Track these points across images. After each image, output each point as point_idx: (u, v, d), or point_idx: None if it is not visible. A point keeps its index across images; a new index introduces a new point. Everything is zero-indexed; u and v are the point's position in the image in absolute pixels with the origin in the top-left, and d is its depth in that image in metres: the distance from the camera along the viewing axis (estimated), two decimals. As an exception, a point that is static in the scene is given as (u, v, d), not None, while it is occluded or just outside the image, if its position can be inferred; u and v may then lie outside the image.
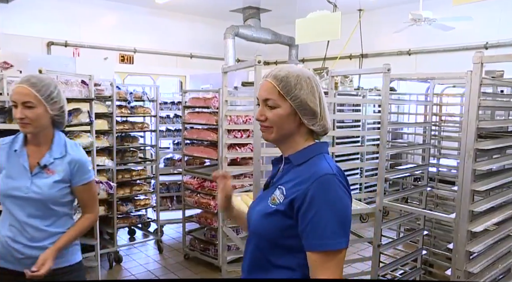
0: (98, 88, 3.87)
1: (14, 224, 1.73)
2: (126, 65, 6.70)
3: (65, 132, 2.76)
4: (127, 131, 4.31)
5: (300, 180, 1.20)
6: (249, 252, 1.31)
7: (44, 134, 1.79)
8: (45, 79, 1.77)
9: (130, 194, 4.31)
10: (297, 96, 1.22)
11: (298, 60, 7.57)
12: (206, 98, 4.00)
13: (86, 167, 1.86)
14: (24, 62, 4.62)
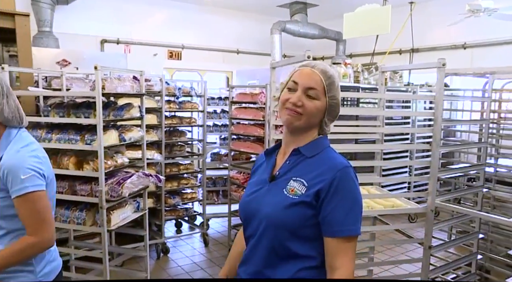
0: (148, 84, 3.97)
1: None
2: (174, 61, 6.84)
3: (118, 126, 2.88)
4: (175, 126, 4.41)
5: (321, 171, 1.25)
6: (263, 243, 1.29)
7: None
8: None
9: (177, 187, 4.42)
10: (335, 97, 1.31)
11: (346, 55, 7.42)
12: (253, 94, 4.01)
13: (18, 176, 1.50)
14: (80, 59, 4.81)
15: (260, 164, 1.45)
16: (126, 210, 2.81)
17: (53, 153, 2.68)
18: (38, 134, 2.67)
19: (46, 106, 2.90)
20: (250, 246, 1.33)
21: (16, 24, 2.93)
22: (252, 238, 1.32)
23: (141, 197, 2.97)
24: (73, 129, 2.64)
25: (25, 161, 1.52)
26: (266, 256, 1.28)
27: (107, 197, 2.54)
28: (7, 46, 3.27)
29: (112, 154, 2.74)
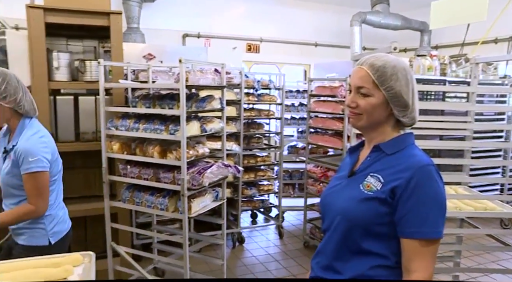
0: (228, 77, 4.05)
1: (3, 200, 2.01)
2: (252, 54, 6.91)
3: (199, 117, 2.97)
4: (253, 118, 4.46)
5: (399, 169, 1.22)
6: (336, 236, 1.29)
7: (11, 124, 1.98)
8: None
9: (254, 179, 4.48)
10: (392, 88, 1.24)
11: (431, 47, 6.98)
12: (332, 87, 3.93)
13: (28, 157, 1.88)
14: (164, 53, 5.03)
15: (346, 160, 1.45)
16: (205, 198, 2.90)
17: (140, 141, 2.84)
18: (127, 123, 2.83)
19: (134, 97, 3.07)
20: (325, 239, 1.35)
21: (111, 22, 3.13)
22: (328, 231, 1.33)
23: (220, 186, 3.04)
24: (158, 119, 2.77)
25: (34, 146, 1.91)
26: (337, 249, 1.29)
27: (188, 185, 2.64)
28: (102, 42, 3.51)
29: (194, 144, 2.83)
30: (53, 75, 3.10)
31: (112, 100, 3.22)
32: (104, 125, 2.88)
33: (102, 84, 2.87)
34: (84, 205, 3.30)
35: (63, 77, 3.14)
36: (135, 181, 2.83)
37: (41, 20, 2.96)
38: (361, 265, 1.24)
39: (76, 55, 3.40)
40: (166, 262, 3.26)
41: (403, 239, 1.19)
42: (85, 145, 3.21)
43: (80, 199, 3.39)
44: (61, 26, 3.12)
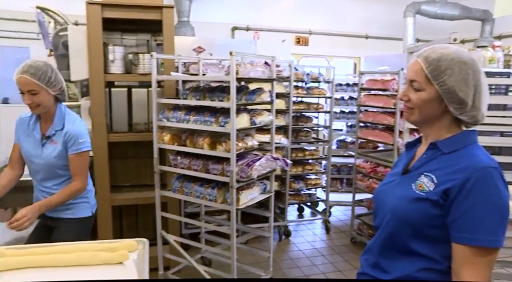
0: (277, 69, 4.03)
1: (37, 185, 2.22)
2: (301, 47, 6.84)
3: (249, 110, 2.98)
4: (302, 111, 4.42)
5: (455, 169, 1.14)
6: (384, 234, 1.25)
7: (50, 110, 2.13)
8: (42, 67, 2.03)
9: (302, 173, 4.45)
10: (445, 83, 1.15)
11: (493, 37, 6.59)
12: (384, 80, 3.80)
13: (78, 139, 2.12)
14: (213, 46, 5.09)
15: (402, 156, 1.40)
16: (253, 191, 2.91)
17: (190, 133, 2.89)
18: (178, 115, 2.89)
19: (184, 90, 3.13)
20: (375, 236, 1.32)
21: (163, 16, 3.20)
22: (378, 228, 1.30)
23: (268, 179, 3.04)
24: (209, 111, 2.80)
25: (81, 129, 2.17)
26: (384, 247, 1.25)
27: (237, 177, 2.65)
28: (154, 35, 3.60)
29: (243, 136, 2.84)
30: (109, 68, 3.22)
31: (163, 92, 3.30)
32: (156, 116, 2.96)
33: (155, 77, 2.94)
34: (136, 194, 3.42)
35: (118, 70, 3.25)
36: (185, 172, 2.89)
37: (98, 15, 3.08)
38: (409, 266, 1.20)
39: (130, 48, 3.50)
40: (213, 252, 3.31)
41: (454, 244, 1.12)
42: (138, 136, 3.31)
43: (132, 188, 3.51)
44: (117, 21, 3.23)
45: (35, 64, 2.04)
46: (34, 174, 2.25)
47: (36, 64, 2.04)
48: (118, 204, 3.35)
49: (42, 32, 4.12)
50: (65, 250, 1.49)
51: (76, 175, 2.17)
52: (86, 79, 3.28)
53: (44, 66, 2.05)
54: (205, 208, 3.56)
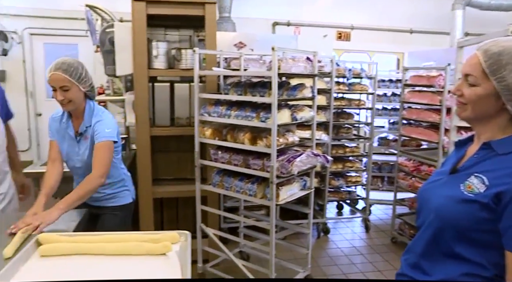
0: (319, 65, 3.98)
1: (79, 180, 2.20)
2: (342, 42, 6.73)
3: (290, 105, 2.96)
4: (343, 107, 4.35)
5: (510, 172, 1.06)
6: (427, 234, 1.20)
7: (80, 106, 2.16)
8: (73, 64, 2.08)
9: (342, 170, 4.39)
10: (504, 79, 1.07)
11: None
12: (429, 76, 3.67)
13: (104, 129, 2.12)
14: (254, 41, 5.09)
15: (451, 154, 1.34)
16: (293, 187, 2.89)
17: (231, 128, 2.91)
18: (219, 110, 2.91)
19: (226, 85, 3.15)
20: (417, 236, 1.27)
21: (205, 12, 3.23)
22: (421, 228, 1.25)
23: (308, 176, 3.01)
24: (250, 107, 2.80)
25: (108, 120, 2.18)
26: (426, 248, 1.20)
27: (277, 173, 2.65)
28: (197, 31, 3.64)
29: (284, 132, 2.83)
30: (152, 63, 3.29)
31: (205, 87, 3.34)
32: (197, 111, 3.00)
33: (197, 72, 2.98)
34: (176, 187, 3.48)
35: (161, 65, 3.32)
36: (226, 166, 2.92)
37: (143, 12, 3.15)
38: (452, 270, 1.14)
39: (173, 44, 3.56)
40: (252, 246, 3.33)
41: (507, 252, 1.05)
42: (179, 130, 3.37)
43: (172, 181, 3.58)
44: (160, 17, 3.29)
45: (67, 61, 2.09)
46: (74, 171, 2.32)
47: (68, 62, 2.08)
48: (159, 196, 3.43)
49: (90, 29, 4.26)
50: (111, 239, 1.54)
51: (94, 164, 2.09)
52: (131, 74, 3.37)
53: (75, 63, 2.10)
54: (244, 203, 3.57)
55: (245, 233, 3.52)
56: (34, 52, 7.33)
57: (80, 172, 2.27)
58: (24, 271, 1.36)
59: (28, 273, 1.35)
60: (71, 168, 2.32)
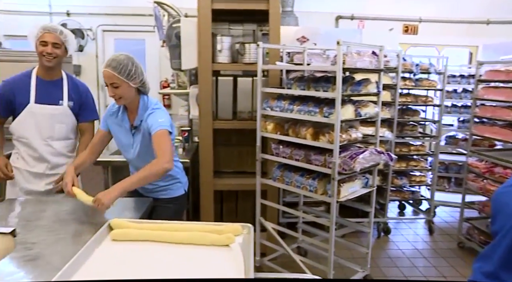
0: (385, 60, 3.84)
1: (133, 171, 2.34)
2: (409, 36, 6.43)
3: (354, 101, 2.88)
4: (409, 104, 4.18)
5: None
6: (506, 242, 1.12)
7: (133, 102, 2.22)
8: (123, 60, 2.10)
9: (405, 168, 4.22)
10: None
11: None
12: (508, 71, 3.42)
13: (157, 119, 2.17)
14: (317, 35, 5.00)
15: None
16: (355, 184, 2.83)
17: (293, 122, 2.89)
18: (282, 105, 2.90)
19: (289, 79, 3.13)
20: (494, 242, 1.18)
21: (270, 6, 3.23)
22: (498, 234, 1.16)
23: (371, 173, 2.93)
24: (313, 102, 2.77)
25: (161, 111, 2.24)
26: (506, 257, 1.12)
27: (339, 169, 2.60)
28: (260, 25, 3.65)
29: (347, 128, 2.77)
30: (216, 58, 3.34)
31: (268, 81, 3.34)
32: (260, 105, 3.01)
33: (260, 66, 2.99)
34: (237, 180, 3.53)
35: (225, 59, 3.36)
36: (287, 161, 2.91)
37: (208, 7, 3.20)
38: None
39: (237, 38, 3.59)
40: (310, 242, 3.30)
41: None
42: (241, 123, 3.40)
43: (233, 174, 3.63)
44: (224, 12, 3.33)
45: (118, 58, 2.12)
46: (131, 162, 2.40)
47: (118, 58, 2.11)
48: (219, 189, 3.50)
49: (157, 25, 4.42)
50: (177, 228, 1.59)
51: (158, 153, 2.09)
52: (195, 68, 3.45)
53: (126, 59, 2.12)
54: (303, 198, 3.55)
55: (303, 229, 3.50)
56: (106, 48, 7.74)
57: (134, 163, 2.35)
58: (98, 252, 1.44)
59: (101, 254, 1.43)
60: (126, 159, 2.42)
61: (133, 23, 7.40)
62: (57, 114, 2.54)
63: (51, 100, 2.53)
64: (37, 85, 2.51)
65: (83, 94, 2.67)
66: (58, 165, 2.60)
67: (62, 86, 2.57)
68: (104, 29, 7.62)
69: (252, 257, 1.34)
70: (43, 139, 2.55)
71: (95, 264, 1.36)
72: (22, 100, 2.48)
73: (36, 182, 2.58)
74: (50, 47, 2.42)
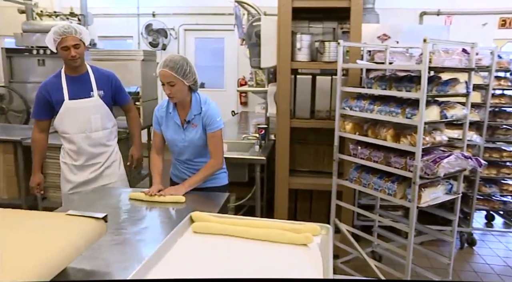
0: (476, 58, 3.58)
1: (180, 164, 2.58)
2: (506, 30, 5.93)
3: (439, 102, 2.72)
4: (502, 106, 3.85)
5: None
6: None
7: (185, 99, 2.39)
8: (179, 61, 2.27)
9: (496, 176, 3.90)
10: None
11: None
12: None
13: (214, 119, 2.40)
14: (399, 33, 4.81)
15: None
16: (437, 190, 2.67)
17: (372, 123, 2.80)
18: (362, 104, 2.82)
19: (369, 79, 3.03)
20: None
21: (351, 3, 3.16)
22: None
23: (455, 179, 2.75)
24: (394, 102, 2.66)
25: (215, 109, 2.44)
26: None
27: (421, 173, 2.47)
28: (341, 23, 3.59)
29: (431, 130, 2.62)
30: (295, 56, 3.34)
31: (347, 80, 3.27)
32: (339, 105, 2.96)
33: (340, 65, 2.93)
34: (312, 179, 3.51)
35: (304, 58, 3.35)
36: (365, 162, 2.83)
37: (289, 5, 3.21)
38: None
39: (316, 36, 3.56)
40: (386, 248, 3.18)
41: None
42: (319, 123, 3.37)
43: (308, 173, 3.62)
44: (305, 10, 3.31)
45: (174, 58, 2.29)
46: (178, 155, 2.57)
47: (174, 59, 2.29)
48: (294, 187, 3.50)
49: (237, 23, 4.52)
50: (255, 224, 1.61)
51: (213, 153, 2.44)
52: (273, 66, 3.48)
53: (181, 60, 2.29)
54: (380, 201, 3.43)
55: (379, 233, 3.39)
56: (187, 46, 8.09)
57: (183, 157, 2.55)
58: (180, 243, 1.51)
59: (183, 245, 1.50)
60: (175, 152, 2.59)
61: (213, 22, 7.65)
62: (90, 106, 2.69)
63: (82, 94, 2.67)
64: (67, 82, 2.65)
65: (112, 81, 2.79)
66: (97, 154, 2.78)
67: (90, 78, 2.70)
68: (185, 29, 7.96)
69: (331, 258, 1.32)
70: (82, 132, 2.70)
71: (178, 253, 1.43)
72: (58, 98, 2.63)
73: (80, 173, 2.77)
74: (72, 50, 2.53)
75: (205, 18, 7.61)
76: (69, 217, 1.42)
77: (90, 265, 1.47)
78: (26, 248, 1.18)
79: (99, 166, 2.79)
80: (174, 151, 2.58)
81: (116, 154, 2.91)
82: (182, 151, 2.52)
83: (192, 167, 2.56)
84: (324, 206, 3.59)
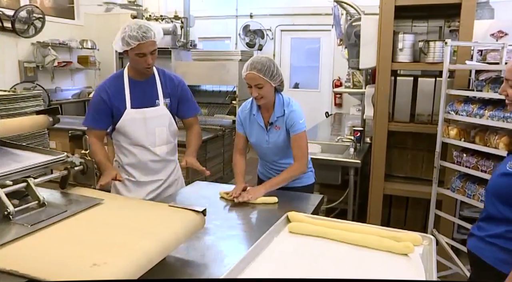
0: None
1: (265, 164, 2.53)
2: None
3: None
4: None
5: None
6: None
7: (270, 100, 2.32)
8: (266, 62, 2.21)
9: None
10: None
11: None
12: None
13: (296, 121, 2.30)
14: (518, 29, 4.35)
15: None
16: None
17: (481, 129, 2.59)
18: (470, 109, 2.62)
19: (479, 81, 2.80)
20: None
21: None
22: None
23: None
24: (510, 107, 2.43)
25: (300, 110, 2.35)
26: None
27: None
28: (448, 21, 3.36)
29: (553, 139, 2.35)
30: (396, 57, 3.20)
31: (453, 82, 3.06)
32: (443, 108, 2.78)
33: (447, 66, 2.76)
34: (409, 186, 3.35)
35: (405, 59, 3.20)
36: (471, 171, 2.62)
37: (392, 3, 3.09)
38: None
39: (420, 36, 3.38)
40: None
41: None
42: (420, 127, 3.20)
43: (405, 179, 3.45)
44: (408, 8, 3.16)
45: (261, 60, 2.22)
46: (263, 156, 2.52)
47: (261, 61, 2.22)
48: (389, 193, 3.36)
49: (334, 24, 4.46)
50: (352, 228, 1.58)
51: (297, 156, 2.33)
52: (372, 67, 3.37)
53: (268, 61, 2.23)
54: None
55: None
56: (283, 46, 8.18)
57: (268, 158, 2.50)
58: (276, 241, 1.54)
59: (279, 244, 1.52)
60: (260, 153, 2.53)
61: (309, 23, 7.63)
62: (155, 117, 2.32)
63: (147, 102, 2.30)
64: (130, 87, 2.28)
65: (178, 88, 2.42)
66: (158, 171, 2.42)
67: (156, 83, 2.34)
68: (282, 29, 8.05)
69: (435, 271, 1.25)
70: (145, 147, 2.33)
71: (274, 252, 1.46)
72: (119, 105, 2.26)
73: (138, 190, 2.39)
74: (149, 57, 2.17)
75: (302, 18, 7.62)
76: (172, 209, 1.50)
77: (188, 256, 1.53)
78: (135, 235, 1.27)
79: (160, 183, 2.44)
80: (259, 152, 2.53)
81: (178, 171, 2.57)
82: (266, 152, 2.47)
83: (278, 168, 2.48)
84: (420, 214, 3.41)
